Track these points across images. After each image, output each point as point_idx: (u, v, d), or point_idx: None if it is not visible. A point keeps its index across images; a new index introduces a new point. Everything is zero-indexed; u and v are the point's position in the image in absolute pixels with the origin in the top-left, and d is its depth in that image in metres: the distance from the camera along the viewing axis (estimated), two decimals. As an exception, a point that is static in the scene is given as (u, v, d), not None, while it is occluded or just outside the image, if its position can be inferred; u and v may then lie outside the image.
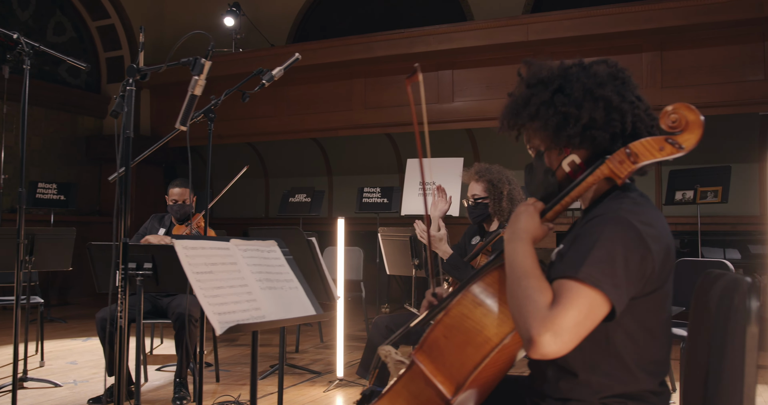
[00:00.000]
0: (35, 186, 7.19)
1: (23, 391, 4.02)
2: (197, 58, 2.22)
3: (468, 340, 1.35)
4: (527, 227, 1.37)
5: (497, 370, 1.43)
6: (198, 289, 1.78)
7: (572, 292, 1.21)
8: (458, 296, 1.39)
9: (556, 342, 1.17)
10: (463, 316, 1.37)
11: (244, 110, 9.17)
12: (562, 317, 1.18)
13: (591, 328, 1.22)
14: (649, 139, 1.32)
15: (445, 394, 1.37)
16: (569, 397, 1.34)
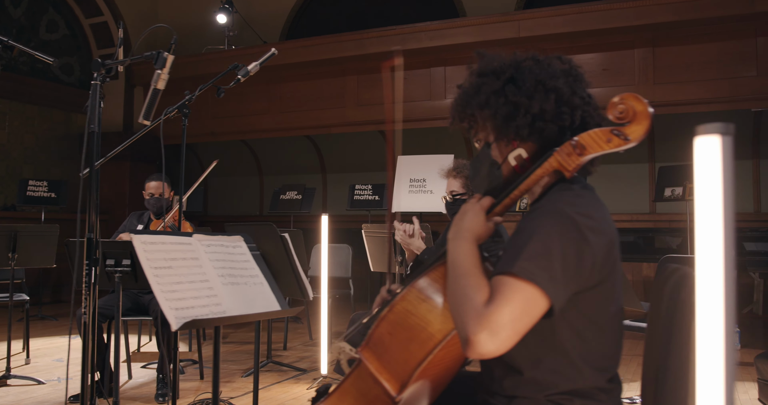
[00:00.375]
0: (26, 184, 7.18)
1: (5, 388, 4.01)
2: (160, 51, 2.21)
3: (412, 337, 1.33)
4: (471, 226, 1.35)
5: (446, 366, 1.41)
6: (155, 285, 1.76)
7: (507, 288, 1.18)
8: (402, 292, 1.37)
9: (493, 340, 1.14)
10: (407, 312, 1.35)
11: (237, 107, 9.17)
12: (498, 314, 1.15)
13: (530, 325, 1.19)
14: (597, 130, 1.29)
15: (390, 391, 1.35)
16: (515, 394, 1.32)
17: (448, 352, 1.35)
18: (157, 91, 2.20)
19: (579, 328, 1.28)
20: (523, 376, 1.31)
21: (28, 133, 8.86)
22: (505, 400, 1.33)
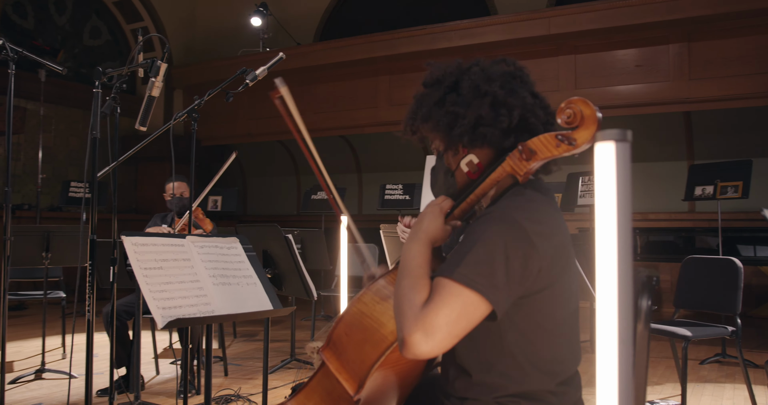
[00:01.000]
0: (68, 185, 7.45)
1: (39, 382, 4.19)
2: (154, 59, 2.29)
3: (366, 338, 1.37)
4: (427, 228, 1.36)
5: (406, 368, 1.44)
6: (143, 285, 1.84)
7: (446, 291, 1.19)
8: (359, 294, 1.41)
9: (427, 341, 1.16)
10: (362, 314, 1.38)
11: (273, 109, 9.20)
12: (433, 316, 1.17)
13: (467, 328, 1.20)
14: (545, 135, 1.29)
15: (348, 391, 1.39)
16: (466, 396, 1.34)
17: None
18: (152, 99, 2.28)
19: (526, 332, 1.29)
20: (473, 378, 1.33)
21: (73, 136, 9.17)
22: (458, 401, 1.36)
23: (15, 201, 8.45)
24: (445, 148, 1.44)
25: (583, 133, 1.27)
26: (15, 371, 4.46)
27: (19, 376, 4.26)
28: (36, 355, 4.90)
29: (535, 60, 7.48)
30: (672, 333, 3.52)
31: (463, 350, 1.35)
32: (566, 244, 1.31)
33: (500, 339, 1.29)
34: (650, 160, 8.06)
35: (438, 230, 1.37)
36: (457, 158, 1.43)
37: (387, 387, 1.46)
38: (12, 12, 8.58)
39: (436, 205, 1.41)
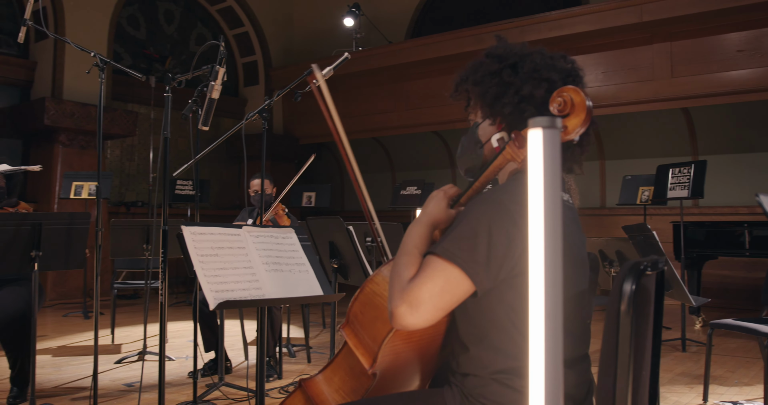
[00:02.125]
0: (174, 183, 7.97)
1: (141, 363, 4.57)
2: (213, 65, 2.47)
3: (377, 315, 1.47)
4: (431, 211, 1.44)
5: (418, 345, 1.53)
6: (199, 270, 2.02)
7: (431, 267, 1.27)
8: (372, 275, 1.51)
9: (412, 313, 1.24)
10: (374, 293, 1.48)
11: (366, 106, 9.54)
12: (418, 289, 1.25)
13: (451, 303, 1.27)
14: None
15: (364, 365, 1.49)
16: (467, 371, 1.40)
17: (412, 331, 1.47)
18: (212, 101, 2.47)
19: (517, 309, 1.34)
20: (470, 352, 1.39)
21: (181, 137, 9.77)
22: (460, 377, 1.43)
23: (129, 198, 9.13)
24: (483, 117, 1.50)
25: (574, 120, 1.32)
26: (122, 353, 4.88)
27: (124, 357, 4.66)
28: (140, 339, 5.32)
29: (627, 49, 7.27)
30: (754, 330, 3.38)
31: (461, 324, 1.42)
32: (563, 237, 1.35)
33: (492, 313, 1.35)
34: (758, 151, 7.62)
35: (440, 214, 1.44)
36: (490, 131, 1.48)
37: (404, 362, 1.55)
38: (127, 24, 9.25)
39: (441, 191, 1.48)
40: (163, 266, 2.43)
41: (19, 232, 3.16)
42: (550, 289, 0.91)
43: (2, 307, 3.43)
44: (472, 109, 1.54)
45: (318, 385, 1.64)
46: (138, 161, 9.29)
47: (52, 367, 4.42)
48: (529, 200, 0.89)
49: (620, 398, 1.25)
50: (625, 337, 1.25)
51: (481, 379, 1.38)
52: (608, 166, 8.58)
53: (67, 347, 5.14)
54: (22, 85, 8.16)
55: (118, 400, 3.62)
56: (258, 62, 10.41)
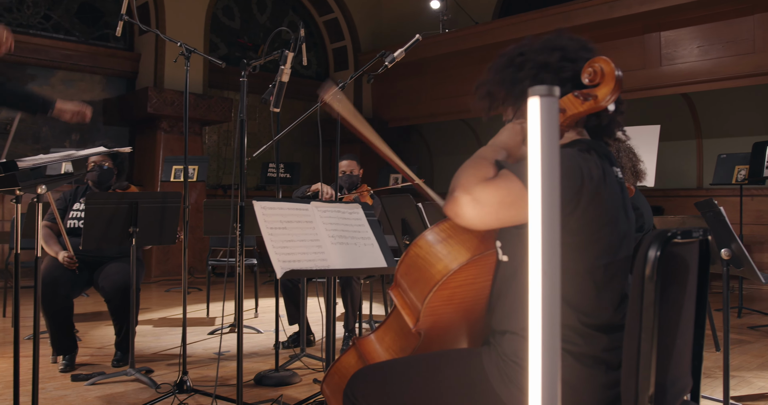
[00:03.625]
0: (266, 166, 8.30)
1: (232, 334, 4.86)
2: (283, 50, 2.60)
3: (420, 277, 1.56)
4: (504, 140, 1.51)
5: (461, 306, 1.60)
6: (268, 241, 2.18)
7: (506, 179, 1.31)
8: (416, 238, 1.60)
9: (473, 207, 1.29)
10: (417, 256, 1.57)
11: (454, 88, 9.55)
12: (489, 191, 1.29)
13: (510, 219, 1.31)
14: (574, 92, 1.40)
15: (409, 324, 1.59)
16: (504, 328, 1.46)
17: (454, 292, 1.55)
18: (282, 84, 2.61)
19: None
20: (506, 307, 1.46)
21: (274, 123, 10.13)
22: (498, 336, 1.50)
23: (226, 181, 9.59)
24: (513, 111, 1.56)
25: (604, 89, 1.38)
26: (215, 325, 5.20)
27: (216, 329, 4.97)
28: (232, 313, 5.64)
29: (725, 21, 6.92)
30: None
31: (500, 279, 1.49)
32: (605, 194, 1.38)
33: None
34: None
35: (514, 143, 1.51)
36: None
37: (447, 323, 1.63)
38: (222, 15, 9.66)
39: (518, 125, 1.53)
40: (240, 239, 2.61)
41: (118, 210, 3.45)
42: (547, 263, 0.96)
43: (110, 280, 3.76)
44: (502, 108, 1.60)
45: (370, 344, 1.76)
46: (234, 146, 9.72)
47: (152, 336, 4.78)
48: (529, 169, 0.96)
49: (644, 364, 1.28)
50: (650, 302, 1.28)
51: (518, 337, 1.44)
52: (705, 144, 8.23)
53: (166, 319, 5.53)
54: (128, 76, 8.71)
55: (208, 366, 3.89)
56: (347, 47, 10.61)
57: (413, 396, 1.51)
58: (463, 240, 1.53)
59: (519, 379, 1.40)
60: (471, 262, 1.51)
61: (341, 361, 1.79)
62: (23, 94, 3.08)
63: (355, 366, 1.75)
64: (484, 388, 1.45)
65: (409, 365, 1.56)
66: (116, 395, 3.29)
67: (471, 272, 1.53)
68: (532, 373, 0.93)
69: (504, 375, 1.43)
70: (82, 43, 8.40)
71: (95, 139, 8.37)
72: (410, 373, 1.53)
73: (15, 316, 2.66)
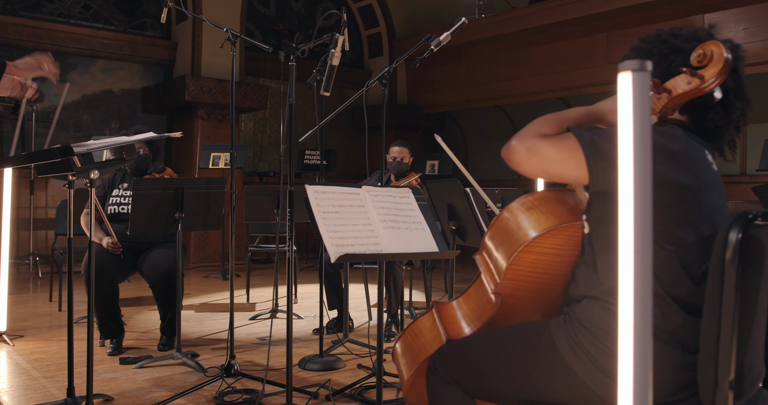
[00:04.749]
0: (303, 153, 8.32)
1: (274, 320, 4.89)
2: (333, 33, 2.58)
3: (507, 238, 1.59)
4: (602, 106, 1.55)
5: (542, 278, 1.59)
6: (321, 226, 2.17)
7: (567, 139, 1.38)
8: (509, 204, 1.61)
9: (523, 154, 1.39)
10: (507, 219, 1.61)
11: (489, 74, 9.45)
12: (544, 145, 1.38)
13: (557, 175, 1.39)
14: (680, 74, 1.41)
15: (490, 286, 1.63)
16: (578, 294, 1.47)
17: (537, 259, 1.56)
18: (332, 68, 2.59)
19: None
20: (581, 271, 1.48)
21: (309, 110, 10.15)
22: (575, 304, 1.49)
23: (262, 168, 9.63)
24: None
25: (711, 70, 1.40)
26: (255, 311, 5.24)
27: (257, 314, 5.01)
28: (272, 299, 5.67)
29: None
30: None
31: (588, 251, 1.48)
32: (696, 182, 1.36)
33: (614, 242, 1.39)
34: None
35: (610, 112, 1.55)
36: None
37: (526, 293, 1.64)
38: (257, 2, 9.67)
39: None
40: (290, 224, 2.61)
41: (165, 195, 3.48)
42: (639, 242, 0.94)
43: (154, 266, 3.80)
44: None
45: (449, 309, 1.79)
46: (270, 133, 9.76)
47: (195, 320, 4.84)
48: (619, 142, 0.93)
49: (724, 348, 1.25)
50: (730, 285, 1.24)
51: (595, 302, 1.43)
52: (749, 130, 8.02)
53: (207, 304, 5.59)
54: (166, 65, 8.78)
55: (251, 351, 3.92)
56: (382, 34, 10.55)
57: (486, 365, 1.55)
58: (553, 209, 1.58)
59: (587, 345, 1.40)
60: (557, 230, 1.54)
61: (417, 323, 1.84)
62: None
63: (429, 328, 1.79)
64: (551, 354, 1.46)
65: (483, 338, 1.61)
66: (164, 378, 3.33)
67: (557, 241, 1.56)
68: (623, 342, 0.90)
69: (572, 341, 1.42)
70: (120, 32, 8.48)
71: (134, 126, 8.48)
72: (485, 345, 1.57)
73: (69, 301, 2.70)
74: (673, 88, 1.43)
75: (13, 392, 3.08)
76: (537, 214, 1.57)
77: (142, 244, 4.01)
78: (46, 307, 5.30)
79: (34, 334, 4.32)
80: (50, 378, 3.32)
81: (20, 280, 6.69)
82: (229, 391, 3.05)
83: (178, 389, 3.13)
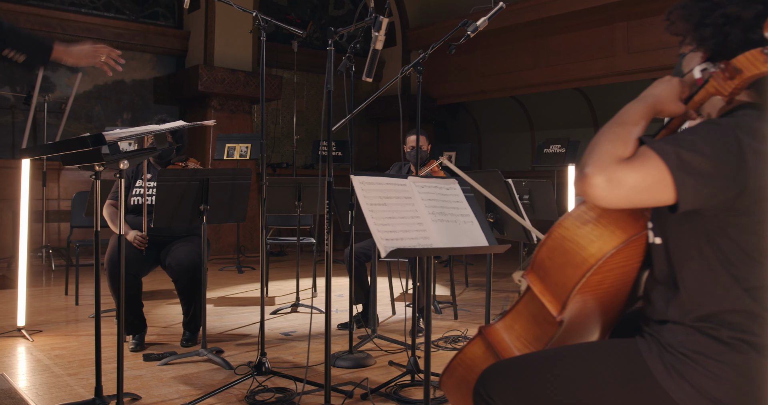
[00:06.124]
0: (317, 144, 8.20)
1: (294, 314, 4.79)
2: (377, 15, 2.46)
3: (567, 261, 1.41)
4: (659, 94, 1.35)
5: (607, 293, 1.46)
6: (369, 219, 2.05)
7: (650, 161, 1.19)
8: (560, 219, 1.45)
9: (604, 188, 1.18)
10: (563, 238, 1.42)
11: (505, 64, 9.30)
12: (627, 173, 1.18)
13: (646, 202, 1.20)
14: (752, 51, 1.22)
15: (552, 312, 1.45)
16: (664, 318, 1.33)
17: (605, 276, 1.41)
18: (376, 52, 2.47)
19: (726, 252, 1.24)
20: (669, 294, 1.32)
21: (321, 100, 10.01)
22: (656, 326, 1.35)
23: (275, 160, 9.52)
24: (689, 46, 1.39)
25: None
26: (275, 305, 5.13)
27: (278, 309, 4.91)
28: (292, 292, 5.57)
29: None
30: None
31: (661, 261, 1.34)
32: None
33: (699, 252, 1.27)
34: None
35: (669, 100, 1.35)
36: (696, 61, 1.37)
37: (590, 311, 1.50)
38: (269, -10, 9.53)
39: (677, 79, 1.38)
40: (328, 217, 2.49)
41: (189, 186, 3.37)
42: None
43: (178, 260, 3.69)
44: (683, 40, 1.42)
45: (498, 333, 1.61)
46: (282, 124, 9.63)
47: (215, 315, 4.73)
48: None
49: None
50: None
51: (681, 327, 1.30)
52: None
53: (225, 298, 5.48)
54: (178, 55, 8.65)
55: (278, 347, 3.82)
56: (395, 23, 10.40)
57: (563, 393, 1.37)
58: (615, 219, 1.39)
59: (693, 375, 1.26)
60: (626, 245, 1.38)
61: (466, 352, 1.65)
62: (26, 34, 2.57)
63: (483, 357, 1.61)
64: (647, 383, 1.30)
65: (553, 359, 1.42)
66: (190, 376, 3.23)
67: (624, 255, 1.40)
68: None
69: (672, 369, 1.28)
70: (132, 21, 8.35)
71: (146, 117, 8.36)
72: (557, 369, 1.39)
73: (96, 297, 2.59)
74: (746, 68, 1.24)
75: (37, 390, 2.98)
76: (600, 230, 1.39)
77: (165, 237, 3.90)
78: (62, 301, 5.21)
79: (53, 328, 4.22)
80: (74, 375, 3.22)
81: (33, 273, 6.60)
82: (260, 390, 2.95)
83: (207, 387, 3.03)
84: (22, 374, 3.25)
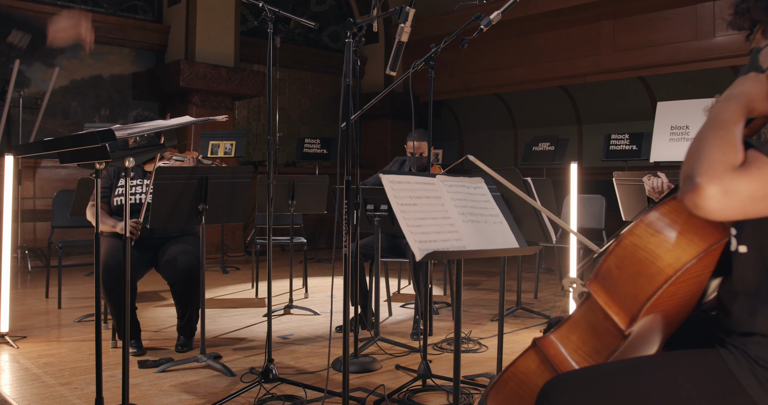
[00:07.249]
0: (302, 142, 8.05)
1: (288, 316, 4.65)
2: (403, 6, 2.35)
3: (640, 271, 1.31)
4: (749, 92, 1.23)
5: (678, 303, 1.37)
6: (401, 219, 1.94)
7: (761, 163, 1.09)
8: (631, 225, 1.35)
9: (720, 199, 1.07)
10: (635, 247, 1.32)
11: (490, 61, 9.24)
12: (743, 182, 1.07)
13: (754, 213, 1.10)
14: None
15: (620, 325, 1.35)
16: (751, 330, 1.24)
17: (679, 287, 1.31)
18: (401, 44, 2.36)
19: None
20: (757, 305, 1.23)
21: (304, 97, 9.86)
22: (739, 337, 1.26)
23: (256, 157, 9.34)
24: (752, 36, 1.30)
25: None
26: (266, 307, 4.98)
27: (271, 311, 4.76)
28: (284, 293, 5.42)
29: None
30: None
31: (748, 270, 1.25)
32: None
33: None
34: None
35: (760, 96, 1.24)
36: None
37: (656, 323, 1.40)
38: (250, -16, 9.33)
39: (762, 75, 1.27)
40: (348, 217, 2.37)
41: (188, 185, 3.22)
42: None
43: (174, 262, 3.53)
44: (756, 32, 1.32)
45: (554, 345, 1.51)
46: (264, 121, 9.46)
47: (207, 318, 4.57)
48: None
49: None
50: None
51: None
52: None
53: (214, 300, 5.32)
54: (157, 50, 8.42)
55: (277, 351, 3.68)
56: (378, 20, 10.28)
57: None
58: (693, 226, 1.29)
59: None
60: (706, 254, 1.27)
61: (518, 366, 1.54)
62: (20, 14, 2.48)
63: (538, 371, 1.50)
64: (738, 398, 1.21)
65: (629, 372, 1.32)
66: (191, 384, 3.08)
67: (703, 264, 1.30)
68: None
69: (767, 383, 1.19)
70: (110, 14, 8.10)
71: (125, 114, 8.12)
72: (637, 383, 1.29)
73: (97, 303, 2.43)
74: None
75: (29, 402, 2.81)
76: (677, 238, 1.28)
77: (159, 238, 3.73)
78: (43, 305, 5.00)
79: (37, 334, 4.03)
80: (67, 385, 3.05)
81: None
82: (268, 398, 2.82)
83: (210, 396, 2.89)
84: (11, 384, 3.07)
